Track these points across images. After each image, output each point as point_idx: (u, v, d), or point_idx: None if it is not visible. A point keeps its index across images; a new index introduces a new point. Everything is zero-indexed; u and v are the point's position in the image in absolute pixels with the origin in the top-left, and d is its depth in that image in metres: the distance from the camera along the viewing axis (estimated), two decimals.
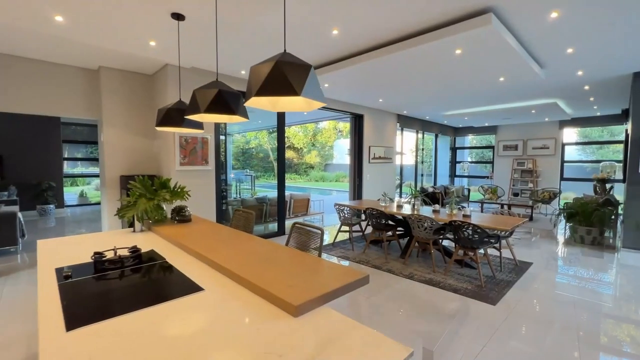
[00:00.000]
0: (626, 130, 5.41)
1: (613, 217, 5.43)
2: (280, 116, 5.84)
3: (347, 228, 5.61)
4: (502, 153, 10.39)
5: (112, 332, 1.06)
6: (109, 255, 1.77)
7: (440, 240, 4.52)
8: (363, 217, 5.33)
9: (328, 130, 26.78)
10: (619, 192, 7.80)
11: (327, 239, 5.70)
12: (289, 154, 27.56)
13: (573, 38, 3.38)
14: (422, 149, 10.81)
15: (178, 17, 2.90)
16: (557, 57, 3.95)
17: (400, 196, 9.62)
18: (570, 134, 10.45)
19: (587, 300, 3.22)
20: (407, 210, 4.77)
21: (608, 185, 7.26)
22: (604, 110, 7.89)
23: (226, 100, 1.91)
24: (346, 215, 5.21)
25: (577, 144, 13.04)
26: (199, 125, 2.58)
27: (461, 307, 3.03)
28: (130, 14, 2.83)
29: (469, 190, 9.90)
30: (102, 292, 1.38)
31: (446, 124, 10.56)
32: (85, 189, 10.91)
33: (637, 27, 3.18)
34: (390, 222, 4.86)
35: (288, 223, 7.08)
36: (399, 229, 5.13)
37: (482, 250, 3.79)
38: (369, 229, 5.96)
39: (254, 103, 1.58)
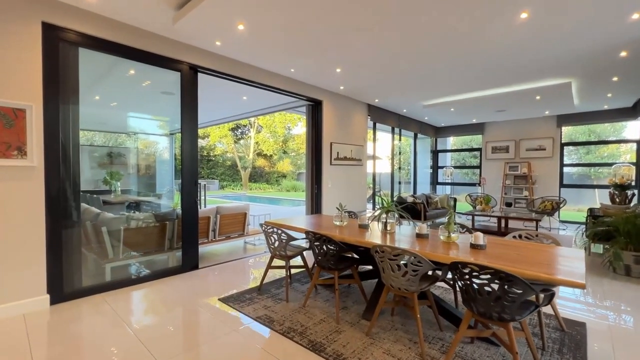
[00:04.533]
0: None
1: None
2: (189, 89, 3.87)
3: (283, 262, 3.62)
4: (490, 156, 8.85)
5: None
6: None
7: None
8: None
9: (301, 136, 24.88)
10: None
11: (253, 278, 3.67)
12: (259, 162, 25.48)
13: None
14: (400, 153, 9.11)
15: None
16: None
17: (374, 209, 7.78)
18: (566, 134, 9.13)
19: None
20: (376, 232, 2.87)
21: (629, 193, 5.75)
22: (614, 103, 6.48)
23: None
24: (282, 242, 3.23)
25: (580, 143, 11.07)
26: None
27: None
28: None
29: (455, 200, 8.22)
30: None
31: (427, 122, 8.93)
32: None
33: None
34: (350, 255, 2.95)
35: (209, 249, 5.01)
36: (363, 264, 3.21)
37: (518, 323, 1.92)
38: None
39: None
